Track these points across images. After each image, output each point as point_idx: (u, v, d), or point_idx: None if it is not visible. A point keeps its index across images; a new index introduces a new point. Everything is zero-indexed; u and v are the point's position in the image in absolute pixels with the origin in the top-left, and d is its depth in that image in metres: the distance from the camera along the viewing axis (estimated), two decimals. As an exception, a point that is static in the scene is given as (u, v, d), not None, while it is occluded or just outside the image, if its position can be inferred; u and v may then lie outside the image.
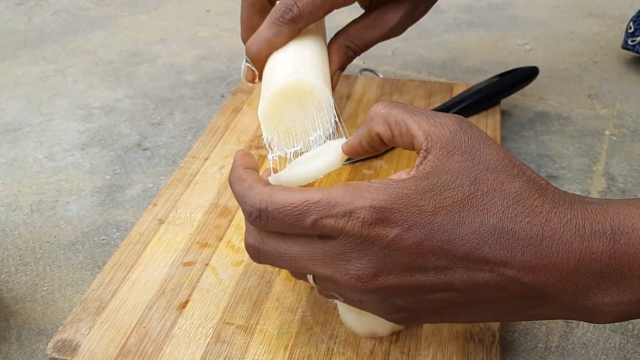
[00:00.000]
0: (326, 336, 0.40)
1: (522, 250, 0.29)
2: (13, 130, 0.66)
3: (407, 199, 0.30)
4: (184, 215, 0.50)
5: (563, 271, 0.29)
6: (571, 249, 0.29)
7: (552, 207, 0.30)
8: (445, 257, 0.30)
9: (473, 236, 0.30)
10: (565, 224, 0.30)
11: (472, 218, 0.30)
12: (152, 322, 0.41)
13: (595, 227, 0.29)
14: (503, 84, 0.64)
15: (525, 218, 0.30)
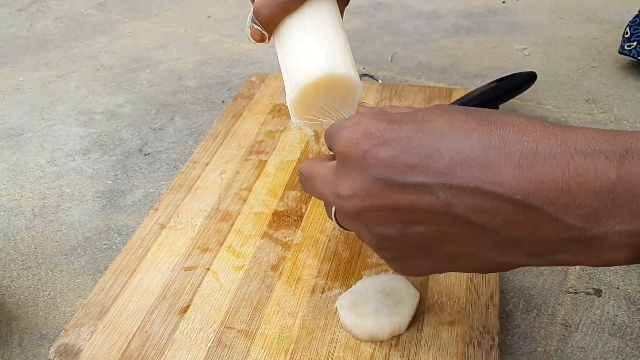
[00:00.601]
0: (326, 340, 0.40)
1: (512, 164, 0.26)
2: (15, 135, 0.67)
3: (390, 119, 0.30)
4: (185, 220, 0.51)
5: (562, 187, 0.25)
6: (571, 163, 0.25)
7: (547, 125, 0.27)
8: (424, 173, 0.27)
9: (455, 151, 0.27)
10: (563, 140, 0.26)
11: (455, 134, 0.27)
12: (154, 327, 0.41)
13: (602, 145, 0.25)
14: (501, 89, 0.64)
15: (515, 134, 0.26)
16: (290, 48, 0.45)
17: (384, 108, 0.35)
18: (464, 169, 0.27)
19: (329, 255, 0.47)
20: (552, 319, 0.44)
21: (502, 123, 0.27)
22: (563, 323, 0.44)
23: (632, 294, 0.46)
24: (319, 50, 0.43)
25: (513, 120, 0.27)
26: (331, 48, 0.44)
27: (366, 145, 0.29)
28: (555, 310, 0.45)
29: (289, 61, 0.45)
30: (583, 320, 0.44)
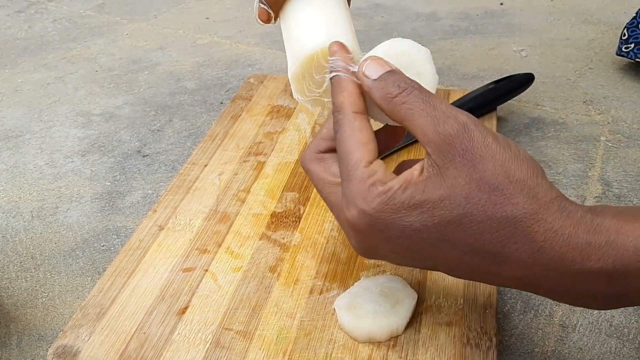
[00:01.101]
0: (324, 341, 0.40)
1: (512, 268, 0.30)
2: (14, 137, 0.67)
3: (396, 213, 0.31)
4: (183, 222, 0.51)
5: (553, 291, 0.31)
6: (564, 279, 0.30)
7: (548, 236, 0.29)
8: (431, 261, 0.33)
9: (458, 254, 0.31)
10: (561, 257, 0.29)
11: (459, 239, 0.31)
12: (152, 328, 0.41)
13: (594, 265, 0.29)
14: (499, 90, 0.64)
15: (516, 244, 0.30)
16: (293, 25, 0.46)
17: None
18: (468, 266, 0.32)
19: (327, 256, 0.47)
20: (550, 319, 0.44)
21: (506, 229, 0.30)
22: (560, 324, 0.44)
23: (629, 295, 0.46)
24: (321, 23, 0.44)
25: (517, 225, 0.30)
26: (334, 22, 0.44)
27: (376, 236, 0.33)
28: (553, 311, 0.45)
29: (292, 37, 0.45)
30: (580, 321, 0.44)
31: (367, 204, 0.32)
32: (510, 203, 0.29)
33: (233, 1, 1.00)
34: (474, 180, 0.30)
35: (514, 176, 0.30)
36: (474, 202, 0.30)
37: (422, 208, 0.31)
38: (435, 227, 0.31)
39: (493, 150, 0.30)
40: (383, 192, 0.32)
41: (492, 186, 0.30)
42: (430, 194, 0.31)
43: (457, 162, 0.30)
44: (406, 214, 0.31)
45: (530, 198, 0.30)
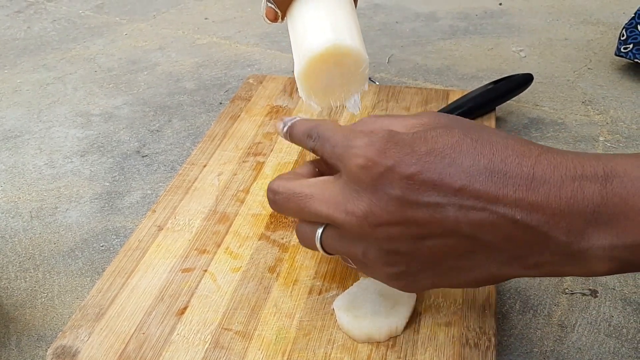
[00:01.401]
0: (323, 341, 0.40)
1: (513, 188, 0.30)
2: (13, 137, 0.67)
3: (402, 141, 0.32)
4: (182, 222, 0.51)
5: (555, 209, 0.30)
6: (562, 188, 0.30)
7: (542, 152, 0.31)
8: (436, 192, 0.31)
9: (464, 174, 0.31)
10: (555, 166, 0.30)
11: (463, 159, 0.31)
12: (151, 328, 0.41)
13: (587, 170, 0.30)
14: (498, 90, 0.64)
15: (515, 159, 0.31)
16: (300, 24, 0.46)
17: (381, 118, 0.37)
18: (472, 191, 0.30)
19: (326, 256, 0.47)
20: (549, 319, 0.44)
21: (503, 147, 0.31)
22: (559, 324, 0.44)
23: (628, 295, 0.46)
24: (328, 24, 0.44)
25: (512, 145, 0.32)
26: (340, 22, 0.45)
27: (383, 166, 0.32)
28: (552, 311, 0.45)
29: (299, 36, 0.45)
30: (579, 321, 0.44)
31: (375, 134, 0.33)
32: (506, 135, 0.33)
33: (232, 1, 1.00)
34: (472, 125, 0.34)
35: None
36: (472, 131, 0.33)
37: (426, 137, 0.32)
38: (442, 149, 0.32)
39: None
40: (388, 130, 0.34)
41: (486, 128, 0.34)
42: (430, 132, 0.33)
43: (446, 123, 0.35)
44: (413, 141, 0.32)
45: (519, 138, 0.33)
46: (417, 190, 0.31)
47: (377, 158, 0.32)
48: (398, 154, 0.32)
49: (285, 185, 0.37)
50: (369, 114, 0.64)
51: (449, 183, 0.31)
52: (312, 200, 0.35)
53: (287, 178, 0.38)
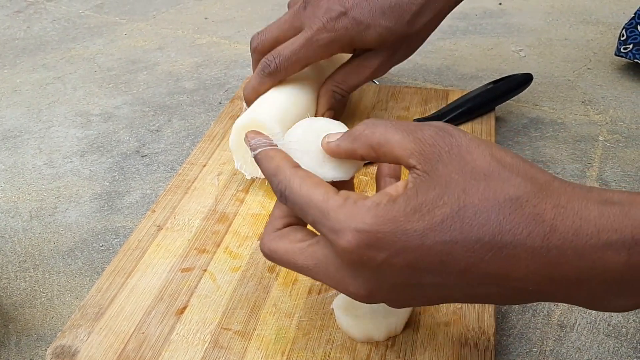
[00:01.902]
0: (323, 341, 0.40)
1: (525, 263, 0.27)
2: (12, 137, 0.67)
3: (395, 222, 0.29)
4: (182, 222, 0.51)
5: (572, 281, 0.27)
6: (582, 259, 0.27)
7: (558, 212, 0.27)
8: (440, 275, 0.29)
9: (468, 254, 0.28)
10: (575, 232, 0.27)
11: (466, 234, 0.28)
12: (151, 328, 0.42)
13: (611, 237, 0.26)
14: (498, 90, 0.64)
15: (526, 228, 0.27)
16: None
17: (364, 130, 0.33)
18: (479, 272, 0.28)
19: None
20: (548, 319, 0.44)
21: (511, 211, 0.28)
22: (559, 323, 0.44)
23: (627, 295, 0.46)
24: (256, 105, 0.53)
25: (522, 205, 0.28)
26: (268, 102, 0.53)
27: (378, 260, 0.29)
28: (551, 310, 0.45)
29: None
30: (579, 321, 0.44)
31: (360, 221, 0.29)
32: (509, 185, 0.28)
33: (232, 1, 1.00)
34: (467, 171, 0.29)
35: (505, 161, 0.29)
36: (472, 191, 0.28)
37: (421, 211, 0.28)
38: (440, 227, 0.28)
39: (476, 142, 0.30)
40: (373, 206, 0.29)
41: (486, 173, 0.28)
42: (424, 195, 0.29)
43: (445, 159, 0.29)
44: (405, 220, 0.28)
45: (528, 179, 0.28)
46: (418, 275, 0.29)
47: (369, 252, 0.29)
48: (392, 243, 0.29)
49: (277, 251, 0.35)
50: (369, 114, 0.64)
51: (452, 266, 0.28)
52: (313, 273, 0.33)
53: (275, 239, 0.35)
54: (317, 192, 0.31)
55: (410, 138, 0.31)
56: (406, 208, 0.29)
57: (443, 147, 0.30)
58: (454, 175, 0.29)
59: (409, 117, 0.64)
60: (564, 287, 0.28)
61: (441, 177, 0.29)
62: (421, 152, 0.30)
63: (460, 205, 0.28)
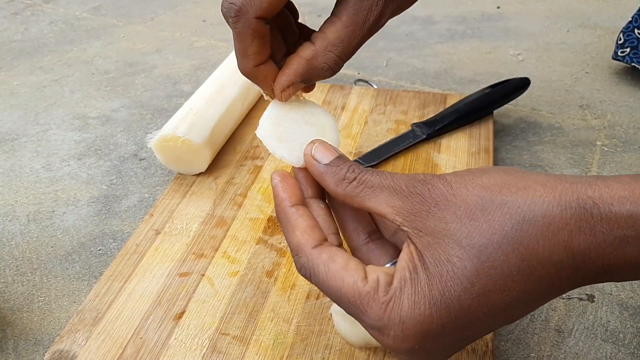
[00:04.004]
0: (321, 346, 0.40)
1: (557, 275, 0.28)
2: (10, 140, 0.67)
3: (428, 302, 0.29)
4: (180, 226, 0.51)
5: (600, 273, 0.28)
6: (602, 256, 0.28)
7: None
8: (487, 319, 0.29)
9: (505, 293, 0.28)
10: (590, 232, 0.27)
11: (495, 277, 0.28)
12: (149, 333, 0.41)
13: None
14: (495, 94, 0.64)
15: (546, 242, 0.28)
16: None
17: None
18: (521, 297, 0.29)
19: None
20: (546, 324, 0.44)
21: (524, 234, 0.28)
22: (556, 329, 0.44)
23: (625, 300, 0.46)
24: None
25: (530, 223, 0.28)
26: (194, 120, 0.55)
27: (428, 342, 0.29)
28: (549, 316, 0.45)
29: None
30: (576, 326, 0.44)
31: (398, 319, 0.29)
32: (508, 209, 0.28)
33: (230, 4, 1.00)
34: (461, 215, 0.29)
35: (490, 183, 0.29)
36: (477, 232, 0.28)
37: (444, 278, 0.28)
38: (471, 284, 0.28)
39: (457, 180, 0.30)
40: (402, 295, 0.29)
41: (480, 207, 0.29)
42: (437, 262, 0.29)
43: (435, 212, 0.30)
44: (437, 295, 0.28)
45: (521, 192, 0.28)
46: (467, 331, 0.30)
47: (418, 341, 0.29)
48: (437, 324, 0.28)
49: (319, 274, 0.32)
50: (367, 118, 0.64)
51: (496, 307, 0.28)
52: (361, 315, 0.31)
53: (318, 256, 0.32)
54: (345, 284, 0.30)
55: (397, 196, 0.31)
56: (430, 282, 0.29)
57: (430, 201, 0.30)
58: (451, 225, 0.29)
59: (407, 121, 0.64)
60: (593, 278, 0.28)
61: (440, 232, 0.29)
62: (409, 210, 0.30)
63: (475, 253, 0.28)
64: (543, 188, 0.28)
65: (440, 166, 0.57)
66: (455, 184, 0.30)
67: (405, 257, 0.30)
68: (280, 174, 0.34)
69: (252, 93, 0.65)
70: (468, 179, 0.30)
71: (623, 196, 0.27)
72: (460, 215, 0.29)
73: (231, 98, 0.61)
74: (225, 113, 0.59)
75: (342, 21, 0.36)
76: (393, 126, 0.63)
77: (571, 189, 0.28)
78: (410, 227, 0.30)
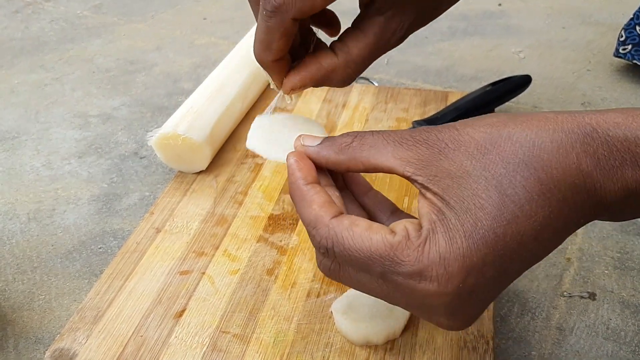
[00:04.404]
0: (322, 345, 0.40)
1: (572, 199, 0.29)
2: (10, 138, 0.67)
3: (462, 237, 0.28)
4: (180, 224, 0.51)
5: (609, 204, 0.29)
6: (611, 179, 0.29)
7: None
8: (523, 251, 0.29)
9: (533, 219, 0.28)
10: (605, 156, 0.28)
11: (521, 203, 0.28)
12: (149, 331, 0.41)
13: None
14: (497, 92, 0.64)
15: (559, 163, 0.28)
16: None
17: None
18: (548, 222, 0.28)
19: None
20: (547, 322, 0.44)
21: (538, 158, 0.28)
22: (557, 327, 0.44)
23: (626, 298, 0.46)
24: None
25: (541, 148, 0.28)
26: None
27: (470, 279, 0.28)
28: (550, 314, 0.45)
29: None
30: (577, 324, 0.44)
31: (436, 256, 0.28)
32: (518, 138, 0.29)
33: (230, 2, 1.00)
34: (473, 152, 0.29)
35: (493, 120, 0.30)
36: (493, 165, 0.28)
37: (474, 212, 0.28)
38: (500, 214, 0.28)
39: (459, 124, 0.30)
40: (434, 237, 0.28)
41: (490, 141, 0.29)
42: (461, 198, 0.28)
43: (447, 153, 0.29)
44: (471, 230, 0.28)
45: (528, 123, 0.29)
46: (508, 265, 0.29)
47: (461, 278, 0.28)
48: (473, 260, 0.28)
49: (337, 273, 0.31)
50: (368, 116, 0.64)
51: (528, 235, 0.28)
52: (384, 297, 0.31)
53: (330, 260, 0.31)
54: (374, 241, 0.29)
55: (404, 146, 0.30)
56: (460, 218, 0.28)
57: (439, 144, 0.30)
58: (465, 162, 0.29)
59: (408, 118, 0.64)
60: (605, 208, 0.29)
61: (457, 173, 0.29)
62: (419, 158, 0.30)
63: (496, 183, 0.28)
64: (545, 119, 0.29)
65: (441, 164, 0.57)
66: (459, 125, 0.30)
67: (426, 204, 0.29)
68: (296, 154, 0.33)
69: (252, 91, 0.65)
70: (471, 121, 0.30)
71: (618, 122, 0.28)
72: (472, 152, 0.29)
73: (231, 96, 0.60)
74: (226, 111, 0.59)
75: (367, 38, 0.36)
76: (394, 124, 0.63)
77: (570, 117, 0.29)
78: (424, 175, 0.30)
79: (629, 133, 0.28)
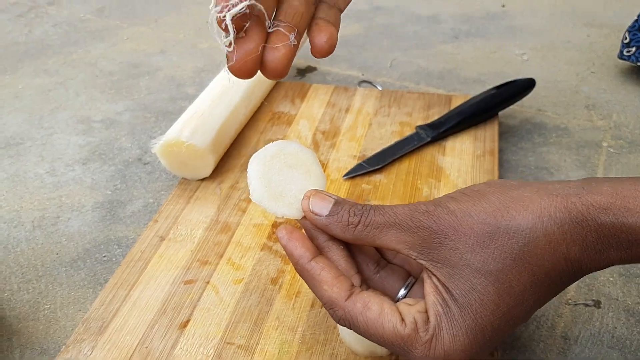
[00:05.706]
0: (326, 356, 0.40)
1: (573, 273, 0.33)
2: (15, 144, 0.67)
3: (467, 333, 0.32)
4: (184, 232, 0.51)
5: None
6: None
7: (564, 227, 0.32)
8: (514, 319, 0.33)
9: (532, 302, 0.33)
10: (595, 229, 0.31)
11: (517, 296, 0.32)
12: (154, 342, 0.41)
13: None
14: (501, 95, 0.64)
15: (549, 256, 0.32)
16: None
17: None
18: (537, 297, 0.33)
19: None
20: (552, 331, 0.44)
21: (531, 251, 0.32)
22: (562, 335, 0.44)
23: (632, 306, 0.46)
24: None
25: (534, 239, 0.32)
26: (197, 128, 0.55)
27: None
28: (555, 322, 0.45)
29: None
30: (582, 333, 0.44)
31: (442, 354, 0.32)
32: (513, 232, 0.31)
33: (233, 4, 0.99)
34: (472, 244, 0.32)
35: (502, 205, 0.32)
36: (491, 258, 0.31)
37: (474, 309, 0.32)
38: (497, 311, 0.32)
39: (463, 209, 0.33)
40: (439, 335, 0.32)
41: (489, 234, 0.32)
42: (465, 292, 0.32)
43: (447, 244, 0.32)
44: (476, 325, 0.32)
45: (525, 212, 0.32)
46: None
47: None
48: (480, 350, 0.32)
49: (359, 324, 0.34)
50: (371, 120, 0.64)
51: (521, 313, 0.33)
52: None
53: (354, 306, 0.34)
54: (386, 331, 0.32)
55: (405, 232, 0.33)
56: (463, 313, 0.32)
57: (439, 235, 0.32)
58: (466, 255, 0.32)
59: (412, 122, 0.64)
60: (583, 275, 0.33)
61: (458, 263, 0.32)
62: (421, 244, 0.33)
63: (494, 278, 0.31)
64: (539, 207, 0.32)
65: (445, 169, 0.57)
66: (458, 212, 0.32)
67: (432, 291, 0.33)
68: (286, 231, 0.35)
69: (256, 96, 0.65)
70: (469, 205, 0.33)
71: (606, 207, 0.31)
72: (472, 245, 0.32)
73: (235, 102, 0.60)
74: (229, 117, 0.59)
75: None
76: (397, 128, 0.63)
77: (562, 204, 0.31)
78: (427, 259, 0.33)
79: (616, 220, 0.31)
